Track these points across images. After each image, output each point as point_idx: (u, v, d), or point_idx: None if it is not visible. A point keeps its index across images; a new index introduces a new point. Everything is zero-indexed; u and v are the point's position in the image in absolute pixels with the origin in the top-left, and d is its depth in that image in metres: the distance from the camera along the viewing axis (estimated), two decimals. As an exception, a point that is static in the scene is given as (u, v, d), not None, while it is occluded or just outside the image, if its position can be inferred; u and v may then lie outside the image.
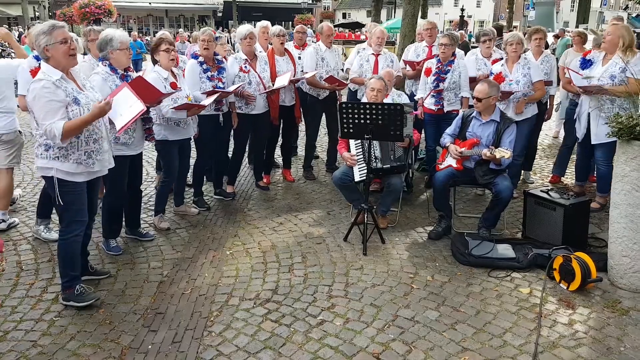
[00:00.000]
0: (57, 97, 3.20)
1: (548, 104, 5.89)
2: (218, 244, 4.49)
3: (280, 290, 3.71)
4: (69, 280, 3.47)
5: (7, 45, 18.96)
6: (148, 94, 3.91)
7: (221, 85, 5.08)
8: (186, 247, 4.43)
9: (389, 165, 4.71)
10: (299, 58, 6.23)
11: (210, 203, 5.45)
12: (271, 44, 5.97)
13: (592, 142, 5.01)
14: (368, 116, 4.24)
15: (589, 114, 5.02)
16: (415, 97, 5.94)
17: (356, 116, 4.28)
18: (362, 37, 25.55)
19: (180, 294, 3.67)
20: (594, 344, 3.10)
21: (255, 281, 3.85)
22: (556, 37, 16.07)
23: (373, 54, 6.13)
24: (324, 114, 6.42)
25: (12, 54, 17.28)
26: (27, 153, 7.33)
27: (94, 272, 3.87)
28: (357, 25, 34.47)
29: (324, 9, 56.95)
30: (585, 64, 5.15)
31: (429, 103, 5.69)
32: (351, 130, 4.38)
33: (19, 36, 26.47)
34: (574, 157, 5.94)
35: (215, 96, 4.82)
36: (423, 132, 6.30)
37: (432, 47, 6.31)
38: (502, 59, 5.60)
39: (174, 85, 4.51)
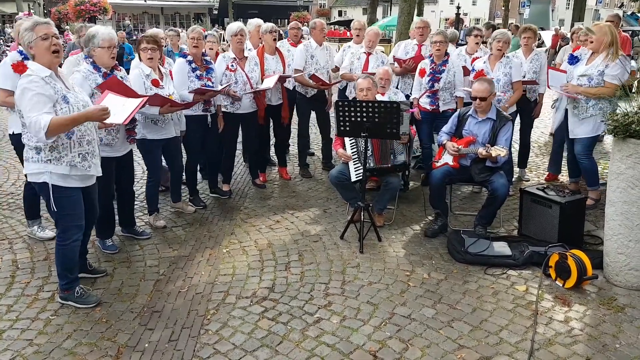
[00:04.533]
0: (45, 91, 3.11)
1: (537, 101, 5.91)
2: (215, 242, 4.49)
3: (277, 288, 3.71)
4: (67, 282, 3.45)
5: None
6: (123, 93, 3.77)
7: (210, 85, 5.03)
8: (183, 246, 4.42)
9: (388, 165, 4.70)
10: None
11: (207, 201, 5.44)
12: (262, 43, 5.94)
13: (569, 137, 5.14)
14: (364, 114, 4.24)
15: (566, 108, 5.15)
16: (410, 98, 5.93)
17: (352, 114, 4.28)
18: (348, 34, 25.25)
19: (177, 292, 3.67)
20: (590, 341, 3.11)
21: (252, 279, 3.85)
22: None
23: (365, 52, 6.12)
24: (313, 112, 6.40)
25: (7, 51, 17.18)
26: (22, 151, 7.31)
27: (91, 270, 3.86)
28: (353, 23, 34.33)
29: (320, 7, 56.86)
30: (572, 60, 5.27)
31: (424, 102, 5.69)
32: (347, 129, 4.38)
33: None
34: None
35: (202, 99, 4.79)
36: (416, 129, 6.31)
37: (421, 46, 6.30)
38: (481, 57, 5.65)
39: (155, 83, 4.44)
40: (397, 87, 6.23)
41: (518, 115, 5.82)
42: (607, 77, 4.74)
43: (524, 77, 5.53)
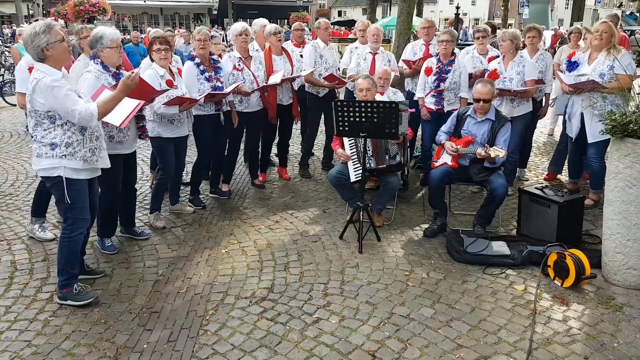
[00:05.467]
0: (70, 86, 3.23)
1: (543, 101, 5.91)
2: (214, 243, 4.49)
3: (276, 289, 3.71)
4: (68, 278, 3.47)
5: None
6: (142, 91, 3.86)
7: (219, 85, 5.06)
8: (182, 246, 4.42)
9: (385, 165, 4.71)
10: (301, 56, 6.22)
11: (206, 201, 5.44)
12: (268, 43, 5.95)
13: (589, 141, 5.03)
14: (363, 114, 4.24)
15: (582, 113, 5.04)
16: (415, 97, 5.92)
17: (351, 114, 4.28)
18: (351, 35, 25.06)
19: (176, 292, 3.67)
20: (588, 340, 3.12)
21: (251, 279, 3.85)
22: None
23: (370, 52, 6.12)
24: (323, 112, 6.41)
25: (6, 53, 17.18)
26: (21, 152, 7.31)
27: (89, 271, 3.87)
28: (353, 23, 34.40)
29: (320, 7, 56.86)
30: (572, 66, 5.17)
31: (429, 102, 5.69)
32: (346, 129, 4.38)
33: (13, 35, 26.33)
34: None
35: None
36: (420, 129, 6.30)
37: (429, 46, 6.30)
38: (498, 56, 5.63)
39: (169, 83, 4.48)
40: (409, 89, 6.24)
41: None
42: (619, 70, 4.69)
43: None
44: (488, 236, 4.39)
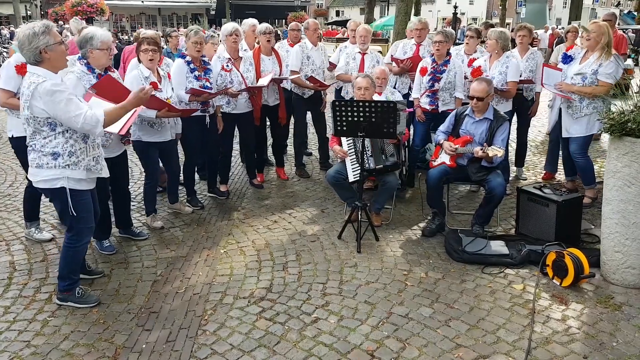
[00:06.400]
0: (71, 90, 3.14)
1: (534, 100, 5.91)
2: (212, 243, 4.49)
3: (274, 289, 3.71)
4: (69, 284, 3.46)
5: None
6: (117, 93, 3.71)
7: (208, 85, 5.04)
8: (180, 246, 4.42)
9: (382, 166, 4.71)
10: None
11: (204, 202, 5.44)
12: (258, 43, 5.94)
13: (563, 136, 5.19)
14: (361, 114, 4.24)
15: (560, 108, 5.20)
16: (410, 98, 5.92)
17: (349, 114, 4.28)
18: (339, 34, 24.96)
19: (175, 293, 3.66)
20: (587, 339, 3.12)
21: (250, 279, 3.85)
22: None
23: (359, 52, 6.11)
24: (309, 112, 6.41)
25: (4, 54, 17.18)
26: (20, 153, 7.30)
27: (89, 271, 3.86)
28: (350, 23, 34.34)
29: (317, 7, 56.86)
30: (566, 59, 5.29)
31: (424, 102, 5.68)
32: (344, 128, 4.38)
33: (11, 36, 26.29)
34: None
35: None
36: (412, 130, 6.29)
37: (419, 46, 6.29)
38: (477, 59, 5.67)
39: (154, 85, 4.42)
40: (394, 87, 6.21)
41: (515, 114, 5.82)
42: (601, 76, 4.77)
43: (521, 76, 5.53)
44: (486, 235, 4.39)
